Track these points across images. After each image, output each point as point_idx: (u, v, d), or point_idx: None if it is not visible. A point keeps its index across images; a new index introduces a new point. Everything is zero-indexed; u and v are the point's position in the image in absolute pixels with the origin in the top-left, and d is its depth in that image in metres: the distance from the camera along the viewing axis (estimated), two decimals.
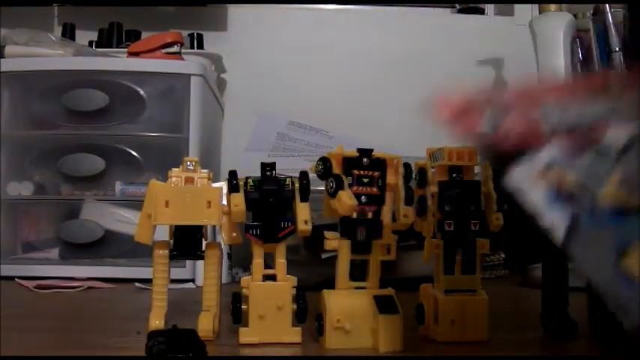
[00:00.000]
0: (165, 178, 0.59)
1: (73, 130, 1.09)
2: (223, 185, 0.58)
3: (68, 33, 1.30)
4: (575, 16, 1.09)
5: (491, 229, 0.58)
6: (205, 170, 0.59)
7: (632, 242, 0.31)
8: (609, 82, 0.40)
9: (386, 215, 0.57)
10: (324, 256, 0.86)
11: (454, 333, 0.57)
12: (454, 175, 0.58)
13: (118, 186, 1.08)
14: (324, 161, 0.56)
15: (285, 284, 0.57)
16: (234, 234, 0.59)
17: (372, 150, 0.57)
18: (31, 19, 1.30)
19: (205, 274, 0.59)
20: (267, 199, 0.56)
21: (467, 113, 0.43)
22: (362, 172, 0.56)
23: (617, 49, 1.03)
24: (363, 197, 0.56)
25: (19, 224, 1.12)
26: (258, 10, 1.43)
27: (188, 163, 0.59)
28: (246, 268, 0.99)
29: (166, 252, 0.58)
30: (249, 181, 0.57)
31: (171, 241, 0.58)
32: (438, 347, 0.56)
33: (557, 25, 1.05)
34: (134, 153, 1.10)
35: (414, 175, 0.59)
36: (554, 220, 0.34)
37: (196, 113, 1.07)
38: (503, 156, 0.39)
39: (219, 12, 1.41)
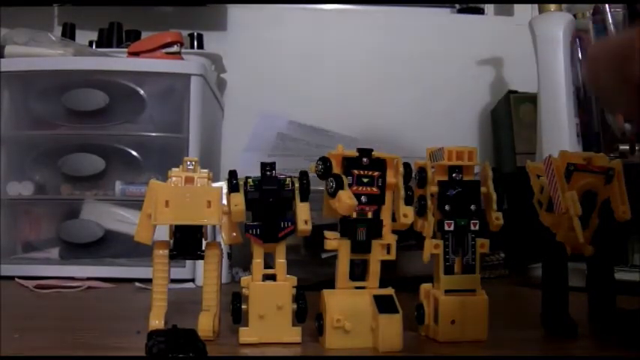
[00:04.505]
0: (165, 178, 0.59)
1: (73, 130, 1.08)
2: (223, 185, 0.58)
3: (68, 33, 1.29)
4: (575, 16, 1.09)
5: (491, 229, 0.59)
6: (205, 170, 0.60)
7: None
8: None
9: (386, 215, 0.57)
10: (324, 256, 0.86)
11: (454, 333, 0.57)
12: (454, 174, 0.59)
13: (118, 186, 1.08)
14: (324, 161, 0.56)
15: (285, 284, 0.57)
16: (234, 234, 0.59)
17: (372, 150, 0.57)
18: (31, 19, 1.30)
19: (205, 274, 0.59)
20: (267, 199, 0.56)
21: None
22: (362, 172, 0.56)
23: None
24: (363, 197, 0.56)
25: (19, 224, 1.12)
26: (258, 10, 1.43)
27: (188, 163, 0.59)
28: (246, 268, 0.99)
29: (166, 252, 0.58)
30: (249, 180, 0.57)
31: (171, 241, 0.58)
32: (438, 347, 0.56)
33: (557, 25, 1.04)
34: (134, 153, 1.09)
35: (414, 175, 0.59)
36: None
37: (196, 113, 1.07)
38: None
39: (219, 12, 1.41)
